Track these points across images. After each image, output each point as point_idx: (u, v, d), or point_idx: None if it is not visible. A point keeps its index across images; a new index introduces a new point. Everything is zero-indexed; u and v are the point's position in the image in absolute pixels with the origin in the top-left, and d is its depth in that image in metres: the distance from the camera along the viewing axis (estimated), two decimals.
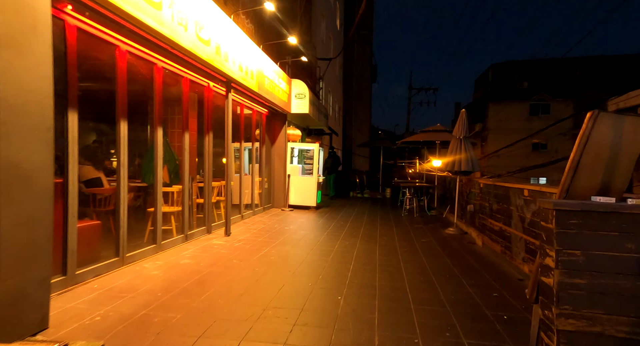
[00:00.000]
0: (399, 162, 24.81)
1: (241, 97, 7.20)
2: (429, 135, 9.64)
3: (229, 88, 5.91)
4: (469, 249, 5.67)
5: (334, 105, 23.72)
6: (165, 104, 5.79)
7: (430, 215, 9.60)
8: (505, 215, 4.67)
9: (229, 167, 5.99)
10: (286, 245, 5.52)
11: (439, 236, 6.75)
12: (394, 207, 11.13)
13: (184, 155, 5.18)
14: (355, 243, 5.81)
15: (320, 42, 17.60)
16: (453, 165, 7.05)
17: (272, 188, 9.64)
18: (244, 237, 5.97)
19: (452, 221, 8.15)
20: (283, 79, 8.78)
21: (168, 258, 4.44)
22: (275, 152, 9.61)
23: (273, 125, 9.57)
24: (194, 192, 6.03)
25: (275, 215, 8.61)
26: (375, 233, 6.77)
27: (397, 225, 7.85)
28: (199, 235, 5.68)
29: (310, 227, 7.22)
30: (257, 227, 6.90)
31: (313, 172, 9.75)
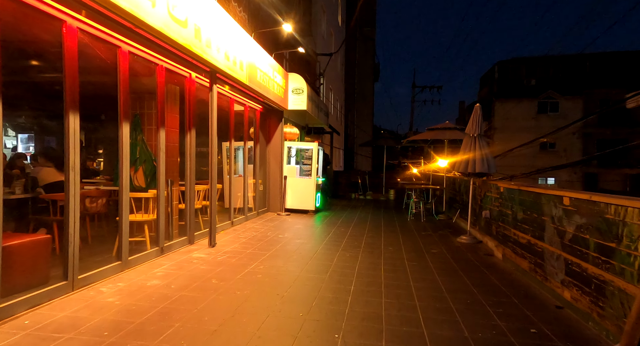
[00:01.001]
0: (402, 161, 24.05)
1: (230, 91, 6.50)
2: (437, 133, 8.93)
3: (214, 79, 5.21)
4: (488, 263, 4.94)
5: (335, 103, 23.01)
6: (140, 97, 5.10)
7: (439, 219, 8.88)
8: (536, 226, 3.95)
9: (214, 168, 5.29)
10: (278, 258, 4.81)
11: (451, 246, 6.02)
12: (398, 211, 10.41)
13: (159, 155, 4.49)
14: (356, 256, 5.10)
15: (321, 38, 16.89)
16: (466, 166, 6.32)
17: (268, 191, 8.93)
18: (231, 247, 5.27)
19: (465, 228, 7.42)
20: (279, 72, 8.07)
21: (134, 278, 3.73)
22: (270, 152, 8.91)
23: (268, 123, 8.87)
24: (175, 196, 5.34)
25: (270, 220, 7.90)
26: (380, 242, 6.06)
27: (404, 231, 7.13)
28: (179, 246, 4.99)
29: (307, 235, 6.51)
30: (248, 235, 6.19)
31: (312, 173, 9.04)
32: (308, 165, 9.11)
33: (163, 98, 4.55)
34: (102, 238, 5.03)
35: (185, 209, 5.25)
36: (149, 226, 4.62)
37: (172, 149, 5.28)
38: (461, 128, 8.98)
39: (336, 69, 23.59)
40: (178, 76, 5.04)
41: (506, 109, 25.22)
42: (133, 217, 4.54)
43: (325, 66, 15.26)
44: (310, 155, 9.08)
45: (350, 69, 29.04)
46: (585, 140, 24.67)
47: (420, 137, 9.50)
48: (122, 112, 3.77)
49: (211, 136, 5.23)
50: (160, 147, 4.49)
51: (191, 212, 5.26)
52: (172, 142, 5.27)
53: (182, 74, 5.05)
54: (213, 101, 5.19)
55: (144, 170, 5.03)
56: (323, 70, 15.30)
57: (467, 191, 7.86)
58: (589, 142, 24.79)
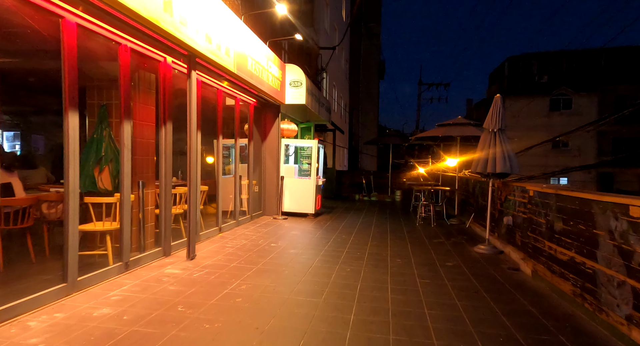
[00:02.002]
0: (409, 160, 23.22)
1: (216, 81, 5.78)
2: (448, 129, 8.14)
3: (192, 64, 4.48)
4: (515, 280, 4.16)
5: (339, 100, 22.24)
6: (108, 85, 4.39)
7: (451, 224, 8.09)
8: (583, 241, 3.17)
9: (193, 169, 4.56)
10: (265, 274, 4.07)
11: (468, 257, 5.25)
12: (406, 214, 9.63)
13: (123, 152, 3.76)
14: (359, 270, 4.35)
15: (323, 32, 16.13)
16: (484, 165, 5.54)
17: (263, 192, 8.21)
18: (213, 260, 4.54)
19: (481, 235, 6.64)
20: (274, 62, 7.33)
21: (80, 305, 3.01)
22: (266, 150, 8.17)
23: (263, 118, 8.14)
24: (151, 200, 4.63)
25: (264, 225, 7.17)
26: (386, 253, 5.29)
27: (413, 239, 6.36)
28: (150, 259, 4.26)
29: (303, 243, 5.77)
30: (237, 244, 5.46)
31: (311, 174, 8.29)
32: (307, 165, 8.37)
33: (128, 85, 3.83)
34: (59, 252, 4.32)
35: (160, 215, 4.53)
36: (113, 236, 3.90)
37: (146, 146, 4.57)
38: (475, 124, 8.18)
39: (340, 66, 22.82)
40: (150, 60, 4.32)
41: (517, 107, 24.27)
42: (91, 226, 3.83)
43: (328, 60, 14.50)
44: (310, 153, 8.33)
45: (355, 66, 28.24)
46: (600, 138, 23.65)
47: (430, 133, 8.72)
48: (67, 96, 3.05)
49: (189, 131, 4.50)
50: (124, 142, 3.77)
51: (167, 218, 4.54)
52: (145, 137, 4.55)
53: (155, 57, 4.32)
54: (192, 90, 4.46)
55: (111, 171, 4.32)
56: (326, 64, 14.54)
57: (483, 193, 7.07)
58: (603, 141, 23.76)
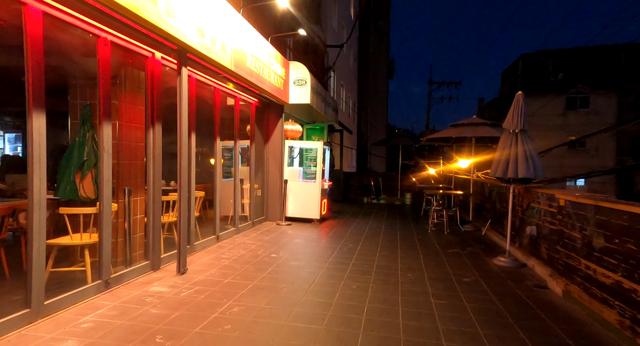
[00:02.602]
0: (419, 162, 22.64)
1: (214, 79, 5.38)
2: (462, 129, 7.63)
3: (183, 60, 4.08)
4: (545, 302, 3.66)
5: (347, 100, 21.78)
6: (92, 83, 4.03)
7: (465, 231, 7.57)
8: (635, 265, 2.67)
9: (183, 173, 4.17)
10: (261, 293, 3.65)
11: (487, 270, 4.75)
12: (417, 218, 9.13)
13: (102, 156, 3.38)
14: (366, 288, 3.90)
15: (331, 30, 15.70)
16: (505, 170, 5.04)
17: (266, 197, 7.80)
18: (206, 275, 4.14)
19: (500, 244, 6.12)
20: (277, 60, 6.92)
21: (43, 335, 2.62)
22: (269, 152, 7.77)
23: (266, 119, 7.73)
24: (139, 210, 4.24)
25: (266, 232, 6.76)
26: (396, 265, 4.83)
27: (425, 248, 5.87)
28: (136, 275, 3.87)
29: (307, 253, 5.34)
30: (233, 255, 5.06)
31: (316, 177, 7.86)
32: (312, 167, 7.94)
33: (108, 82, 3.45)
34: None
35: (148, 225, 4.14)
36: (93, 251, 3.52)
37: (135, 149, 4.19)
38: (492, 124, 7.65)
39: (348, 65, 22.36)
40: (136, 55, 3.94)
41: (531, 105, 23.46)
42: (66, 240, 3.46)
43: (335, 58, 14.06)
44: (315, 155, 7.90)
45: (364, 65, 27.75)
46: (620, 137, 22.72)
47: (442, 134, 8.21)
48: (31, 95, 2.66)
49: (180, 132, 4.11)
50: (104, 146, 3.38)
51: (155, 228, 4.15)
52: (133, 140, 4.18)
53: (142, 52, 3.94)
54: (182, 88, 4.07)
55: (94, 177, 3.94)
56: (333, 63, 14.10)
57: (501, 198, 6.56)
58: (623, 140, 22.84)
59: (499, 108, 28.28)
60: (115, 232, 4.04)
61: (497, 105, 29.48)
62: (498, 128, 7.55)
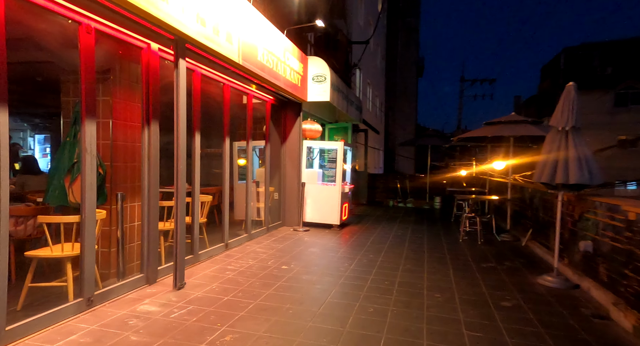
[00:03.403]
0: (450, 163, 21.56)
1: (221, 74, 4.97)
2: (499, 128, 6.84)
3: (181, 51, 3.68)
4: (609, 339, 2.94)
5: (374, 99, 21.07)
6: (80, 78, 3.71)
7: (502, 241, 6.78)
8: None
9: (181, 177, 3.77)
10: (262, 316, 3.16)
11: (531, 291, 4.04)
12: (446, 225, 8.37)
13: (84, 158, 3.02)
14: (384, 313, 3.33)
15: (357, 26, 15.11)
16: (552, 174, 4.30)
17: (283, 200, 7.35)
18: (204, 290, 3.71)
19: (544, 258, 5.33)
20: (294, 54, 6.45)
21: None
22: (286, 153, 7.32)
23: (283, 118, 7.28)
24: (136, 216, 3.89)
25: (281, 239, 6.30)
26: (421, 283, 4.22)
27: (455, 261, 5.19)
28: (127, 290, 3.50)
29: (321, 266, 4.81)
30: (240, 266, 4.62)
31: (336, 179, 7.32)
32: (332, 170, 7.41)
33: (91, 74, 3.08)
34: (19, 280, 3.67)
35: (143, 233, 3.77)
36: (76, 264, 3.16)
37: (130, 150, 3.84)
38: (533, 121, 6.80)
39: (375, 63, 21.64)
40: (128, 46, 3.57)
41: None
42: (46, 252, 3.12)
43: (361, 55, 13.46)
44: (335, 156, 7.37)
45: (392, 63, 26.87)
46: None
47: (476, 133, 7.44)
48: None
49: (177, 132, 3.71)
50: (87, 147, 3.02)
51: (151, 237, 3.77)
52: (129, 140, 3.83)
53: (135, 43, 3.57)
54: (179, 81, 3.67)
55: None
56: (358, 60, 13.51)
57: (545, 206, 5.75)
58: None
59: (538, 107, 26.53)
60: (108, 241, 3.70)
61: (536, 103, 27.67)
62: (541, 127, 6.72)
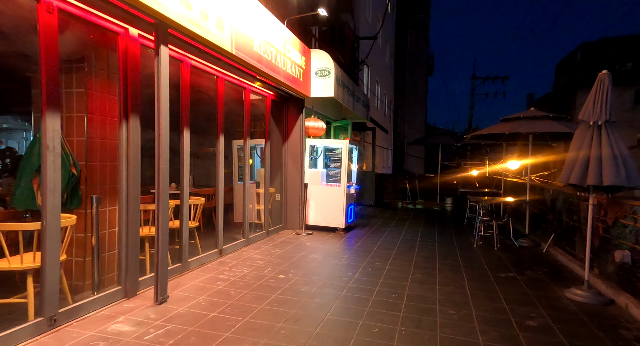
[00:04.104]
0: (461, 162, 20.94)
1: (214, 66, 4.58)
2: (517, 124, 6.32)
3: (162, 37, 3.30)
4: None
5: (382, 97, 20.55)
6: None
7: (520, 246, 6.27)
8: None
9: (163, 177, 3.38)
10: (249, 339, 2.75)
11: (559, 307, 3.55)
12: (459, 228, 7.86)
13: (45, 156, 2.64)
14: (392, 333, 2.89)
15: (364, 21, 14.64)
16: (583, 175, 3.81)
17: (284, 202, 6.94)
18: (188, 305, 3.31)
19: (569, 266, 4.82)
20: (295, 46, 6.04)
21: None
22: (288, 152, 6.90)
23: (284, 115, 6.87)
24: (114, 221, 3.51)
25: (281, 243, 5.89)
26: (433, 296, 3.76)
27: (471, 270, 4.71)
28: (100, 305, 3.12)
29: (322, 275, 4.38)
30: (233, 275, 4.22)
31: (341, 180, 6.89)
32: (337, 169, 6.97)
33: (53, 59, 2.71)
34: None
35: (120, 240, 3.39)
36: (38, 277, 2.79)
37: (109, 148, 3.47)
38: (555, 117, 6.26)
39: (384, 60, 21.13)
40: (103, 31, 3.20)
41: None
42: (3, 263, 2.75)
43: (369, 51, 12.99)
44: (340, 156, 6.93)
45: (401, 61, 26.32)
46: None
47: (492, 130, 6.92)
48: None
49: (158, 127, 3.32)
50: (48, 144, 2.64)
51: (131, 244, 3.39)
52: (107, 137, 3.46)
53: (111, 27, 3.19)
54: (160, 71, 3.28)
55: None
56: (366, 56, 13.04)
57: (571, 209, 5.23)
58: None
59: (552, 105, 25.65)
60: (83, 250, 3.34)
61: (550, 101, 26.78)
62: (564, 122, 6.18)
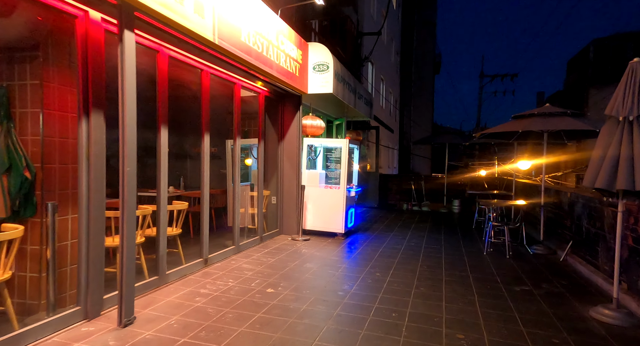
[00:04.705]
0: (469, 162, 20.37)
1: (197, 58, 4.17)
2: (531, 122, 5.81)
3: (126, 21, 2.89)
4: None
5: (387, 95, 20.05)
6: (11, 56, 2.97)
7: (535, 254, 5.78)
8: None
9: (129, 181, 2.97)
10: None
11: (584, 330, 3.07)
12: (467, 233, 7.37)
13: None
14: None
15: (369, 16, 14.17)
16: (611, 178, 3.32)
17: (280, 205, 6.52)
18: (158, 328, 2.90)
19: (591, 279, 4.31)
20: (290, 38, 5.61)
21: None
22: (284, 152, 6.48)
23: (280, 112, 6.45)
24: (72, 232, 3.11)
25: (275, 251, 5.47)
26: (439, 315, 3.30)
27: (481, 282, 4.24)
28: (54, 329, 2.72)
29: (315, 288, 3.94)
30: (217, 289, 3.80)
31: (341, 181, 6.45)
32: (336, 170, 6.54)
33: None
34: None
35: (80, 253, 2.98)
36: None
37: (67, 148, 3.07)
38: (574, 113, 5.74)
39: (389, 58, 20.64)
40: (58, 14, 2.80)
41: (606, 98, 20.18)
42: None
43: (372, 47, 12.52)
44: (339, 156, 6.49)
45: (407, 59, 25.79)
46: None
47: (503, 128, 6.42)
48: None
49: (122, 123, 2.91)
50: None
51: (94, 258, 2.98)
52: (64, 135, 3.06)
53: (68, 9, 2.79)
54: (125, 60, 2.87)
55: (9, 186, 2.87)
56: (370, 52, 12.58)
57: (593, 215, 4.72)
58: None
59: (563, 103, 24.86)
60: (38, 264, 2.95)
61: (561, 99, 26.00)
62: (584, 119, 5.68)
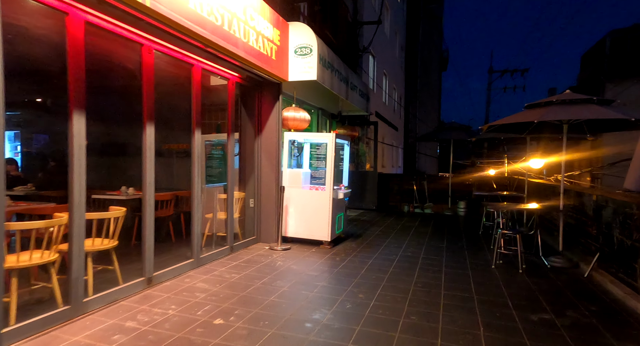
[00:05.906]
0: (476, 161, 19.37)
1: (128, 26, 3.37)
2: (549, 111, 4.90)
3: None
4: None
5: (391, 91, 19.14)
6: None
7: (552, 267, 4.89)
8: None
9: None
10: None
11: None
12: (472, 240, 6.48)
13: None
14: None
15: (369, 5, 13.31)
16: None
17: (258, 209, 5.72)
18: None
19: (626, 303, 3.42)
20: (263, 14, 4.80)
21: None
22: (262, 149, 5.68)
23: (257, 102, 5.64)
24: None
25: (244, 264, 4.66)
26: None
27: (488, 308, 3.37)
28: None
29: (278, 318, 3.12)
30: (149, 320, 3.01)
31: (326, 182, 5.62)
32: (321, 169, 5.71)
33: None
34: None
35: None
36: None
37: None
38: (600, 100, 4.82)
39: (394, 52, 19.72)
40: None
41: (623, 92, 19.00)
42: None
43: (372, 37, 11.65)
44: (324, 153, 5.66)
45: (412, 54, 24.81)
46: None
47: (514, 119, 5.50)
48: None
49: None
50: None
51: None
52: None
53: None
54: None
55: None
56: (369, 43, 11.71)
57: (626, 223, 3.81)
58: None
59: None
60: None
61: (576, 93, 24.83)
62: (615, 108, 4.77)
